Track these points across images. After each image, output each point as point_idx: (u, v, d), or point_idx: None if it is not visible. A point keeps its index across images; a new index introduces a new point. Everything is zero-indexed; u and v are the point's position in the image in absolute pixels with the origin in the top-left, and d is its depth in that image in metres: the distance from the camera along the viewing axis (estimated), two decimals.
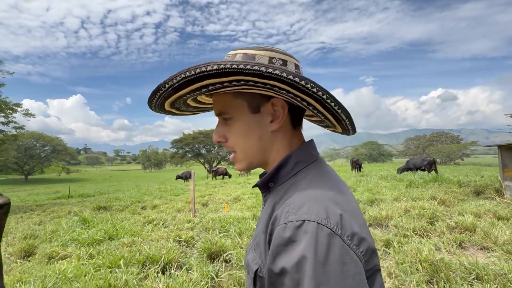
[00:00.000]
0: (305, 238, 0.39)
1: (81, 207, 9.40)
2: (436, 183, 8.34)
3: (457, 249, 3.28)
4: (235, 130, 0.58)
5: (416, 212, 4.71)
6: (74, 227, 5.25)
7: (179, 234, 4.36)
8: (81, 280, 2.55)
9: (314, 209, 0.42)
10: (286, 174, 0.57)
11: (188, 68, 0.47)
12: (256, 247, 0.52)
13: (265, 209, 0.58)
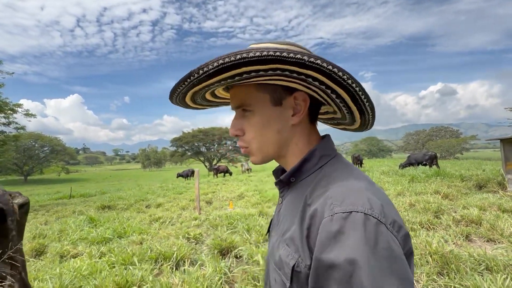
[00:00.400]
0: (354, 228, 0.40)
1: (84, 206, 9.44)
2: (439, 177, 8.40)
3: (464, 241, 3.33)
4: (254, 123, 0.58)
5: (421, 206, 4.76)
6: (82, 226, 5.28)
7: (187, 232, 4.40)
8: (98, 277, 2.58)
9: (358, 200, 0.43)
10: (311, 168, 0.57)
11: (227, 54, 0.45)
12: (290, 242, 0.51)
13: (289, 204, 0.58)
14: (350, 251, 0.38)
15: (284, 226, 0.56)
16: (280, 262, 0.52)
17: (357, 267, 0.37)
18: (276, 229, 0.60)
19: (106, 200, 9.63)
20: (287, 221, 0.56)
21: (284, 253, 0.51)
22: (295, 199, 0.56)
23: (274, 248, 0.57)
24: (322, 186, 0.51)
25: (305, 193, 0.54)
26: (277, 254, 0.54)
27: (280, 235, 0.56)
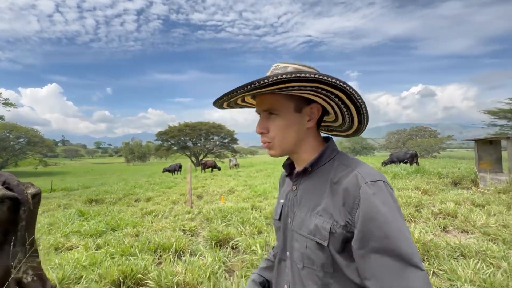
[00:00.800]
0: (381, 189, 0.63)
1: (69, 200, 9.21)
2: (419, 174, 8.92)
3: (442, 232, 3.67)
4: (278, 124, 0.73)
5: (404, 200, 5.11)
6: (73, 219, 5.22)
7: (183, 224, 4.48)
8: (101, 266, 2.64)
9: (376, 174, 0.66)
10: (325, 159, 0.76)
11: (285, 72, 0.60)
12: (323, 212, 0.68)
13: (309, 187, 0.75)
14: (383, 201, 0.61)
15: (311, 203, 0.73)
16: (316, 229, 0.68)
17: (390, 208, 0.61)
18: (299, 207, 0.76)
19: (92, 194, 9.43)
20: (314, 198, 0.73)
21: (319, 221, 0.68)
22: (317, 182, 0.74)
23: (305, 220, 0.72)
24: (344, 169, 0.70)
25: (327, 176, 0.72)
26: (310, 224, 0.70)
27: (309, 210, 0.72)
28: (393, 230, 0.58)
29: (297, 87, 0.65)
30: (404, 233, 0.58)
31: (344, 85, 0.64)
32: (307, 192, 0.76)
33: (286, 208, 0.83)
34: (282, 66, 0.72)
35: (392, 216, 0.59)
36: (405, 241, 0.57)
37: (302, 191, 0.78)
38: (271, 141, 0.75)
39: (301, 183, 0.79)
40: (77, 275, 2.65)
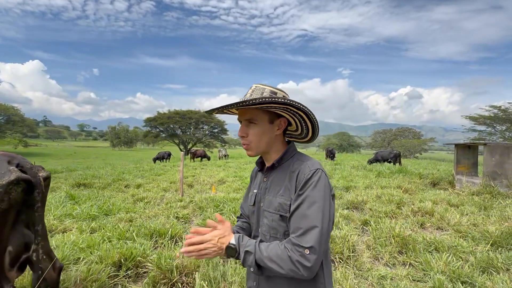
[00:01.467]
0: (318, 174, 0.91)
1: (55, 183, 9.03)
2: (401, 174, 9.37)
3: (419, 228, 3.98)
4: (256, 131, 0.99)
5: (387, 198, 5.44)
6: (63, 202, 5.20)
7: (176, 212, 4.59)
8: (101, 249, 2.73)
9: (318, 165, 0.95)
10: (287, 157, 1.04)
11: (265, 97, 0.90)
12: (284, 193, 0.96)
13: (276, 178, 1.02)
14: (317, 183, 0.90)
15: (276, 189, 1.00)
16: (280, 206, 0.96)
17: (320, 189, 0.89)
18: (268, 193, 1.03)
19: (79, 178, 9.29)
20: (278, 185, 1.00)
21: (282, 200, 0.96)
22: (281, 174, 1.01)
23: (272, 201, 0.99)
24: (299, 163, 0.99)
25: (288, 169, 1.00)
26: (275, 203, 0.97)
27: (275, 194, 1.00)
28: (311, 199, 0.87)
29: (272, 107, 0.94)
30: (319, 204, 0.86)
31: (306, 108, 0.93)
32: (274, 181, 1.03)
33: (259, 196, 1.08)
34: (261, 87, 0.99)
35: (318, 191, 0.88)
36: (316, 211, 0.85)
37: (270, 181, 1.05)
38: (249, 143, 1.00)
39: (270, 175, 1.06)
40: (75, 256, 2.73)
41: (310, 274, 0.82)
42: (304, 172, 0.92)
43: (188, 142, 42.92)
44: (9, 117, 43.86)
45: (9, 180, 1.46)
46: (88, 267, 2.38)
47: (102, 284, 2.25)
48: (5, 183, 1.46)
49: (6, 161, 1.57)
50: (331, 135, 69.56)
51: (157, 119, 41.09)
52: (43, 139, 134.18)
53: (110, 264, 2.50)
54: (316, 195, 0.87)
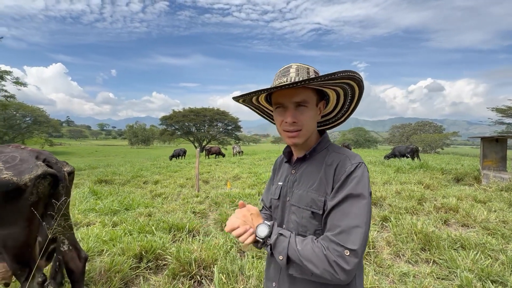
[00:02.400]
0: (361, 168, 0.83)
1: (79, 180, 9.47)
2: (422, 169, 9.01)
3: (443, 225, 3.81)
4: (308, 115, 0.88)
5: (407, 194, 5.24)
6: (86, 197, 5.43)
7: (192, 207, 4.67)
8: (123, 241, 2.83)
9: (360, 158, 0.86)
10: (321, 148, 0.94)
11: (349, 70, 0.77)
12: (318, 188, 0.87)
13: (307, 170, 0.93)
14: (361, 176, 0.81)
15: (309, 182, 0.90)
16: (313, 201, 0.87)
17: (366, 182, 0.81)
18: (298, 186, 0.94)
19: (101, 175, 9.68)
20: (311, 179, 0.90)
21: (315, 195, 0.87)
22: (314, 166, 0.92)
23: (302, 196, 0.90)
24: (336, 155, 0.89)
25: (322, 161, 0.90)
26: (307, 198, 0.88)
27: (306, 188, 0.90)
28: (356, 194, 0.78)
29: (330, 84, 0.83)
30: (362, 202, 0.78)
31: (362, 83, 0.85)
32: (305, 174, 0.93)
33: (285, 189, 0.99)
34: (305, 67, 0.88)
35: (362, 188, 0.79)
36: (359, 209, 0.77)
37: (300, 174, 0.95)
38: (302, 128, 0.88)
39: (300, 167, 0.96)
40: (98, 249, 2.85)
41: (348, 278, 0.72)
42: (345, 166, 0.83)
43: (203, 140, 43.52)
44: (36, 118, 46.34)
45: (36, 174, 1.53)
46: (111, 259, 2.47)
47: (125, 275, 2.33)
48: (33, 177, 1.53)
49: (34, 157, 1.65)
50: (346, 130, 68.07)
51: (173, 117, 41.89)
52: (67, 139, 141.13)
53: (131, 256, 2.59)
54: (359, 191, 0.78)
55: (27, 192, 1.52)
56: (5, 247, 1.53)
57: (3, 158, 1.56)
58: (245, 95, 0.89)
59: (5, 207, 1.49)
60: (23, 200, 1.53)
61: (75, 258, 1.83)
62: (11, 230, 1.52)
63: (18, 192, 1.50)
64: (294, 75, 0.85)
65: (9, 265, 1.58)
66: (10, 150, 1.64)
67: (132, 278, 2.39)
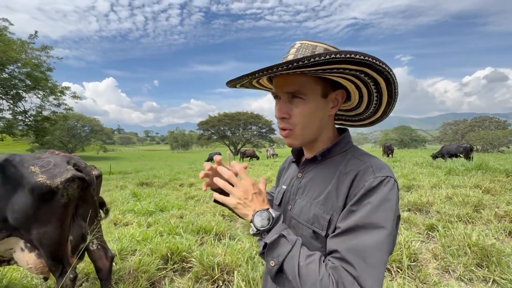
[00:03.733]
0: (388, 185, 0.61)
1: (124, 182, 10.32)
2: (480, 171, 7.87)
3: (507, 237, 3.22)
4: (303, 110, 0.67)
5: (460, 199, 4.59)
6: (128, 199, 5.87)
7: (222, 210, 4.72)
8: (152, 242, 2.95)
9: (389, 171, 0.64)
10: (338, 150, 0.73)
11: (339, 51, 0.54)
12: (324, 202, 0.67)
13: (317, 176, 0.73)
14: (386, 195, 0.60)
15: (314, 192, 0.71)
16: (315, 218, 0.67)
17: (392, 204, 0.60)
18: (302, 196, 0.75)
19: (143, 178, 10.43)
20: (318, 188, 0.71)
21: (319, 211, 0.67)
22: (325, 172, 0.71)
23: (305, 209, 0.71)
24: (356, 162, 0.67)
25: (337, 167, 0.70)
26: (309, 213, 0.69)
27: (311, 199, 0.71)
28: (374, 224, 0.58)
29: (335, 69, 0.59)
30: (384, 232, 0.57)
31: (391, 72, 0.61)
32: (313, 181, 0.73)
33: (288, 194, 0.81)
34: (310, 45, 0.67)
35: (385, 212, 0.58)
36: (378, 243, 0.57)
37: (307, 179, 0.76)
38: (293, 128, 0.70)
39: (308, 171, 0.77)
40: (132, 248, 3.01)
41: None
42: (366, 178, 0.62)
43: (238, 143, 44.45)
44: (93, 127, 52.42)
45: (66, 177, 1.65)
46: (140, 259, 2.57)
47: (151, 275, 2.41)
48: (64, 180, 1.64)
49: (66, 161, 1.78)
50: (389, 129, 63.36)
51: (209, 122, 43.67)
52: (118, 145, 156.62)
53: (159, 257, 2.67)
54: (381, 217, 0.58)
55: (59, 194, 1.65)
56: (41, 244, 1.67)
57: (40, 163, 1.72)
58: (237, 79, 0.69)
59: (40, 208, 1.63)
60: (55, 202, 1.65)
61: (103, 257, 1.94)
62: (46, 228, 1.66)
63: (51, 194, 1.63)
64: (293, 56, 0.67)
65: (45, 261, 1.72)
66: (46, 156, 1.79)
67: (158, 278, 2.46)
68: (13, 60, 9.97)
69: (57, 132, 36.97)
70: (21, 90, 11.02)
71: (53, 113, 11.89)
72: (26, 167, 1.64)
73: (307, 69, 0.60)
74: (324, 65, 0.57)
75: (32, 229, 1.63)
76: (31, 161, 1.67)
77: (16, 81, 10.83)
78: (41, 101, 11.60)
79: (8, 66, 10.33)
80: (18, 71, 10.76)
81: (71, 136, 49.83)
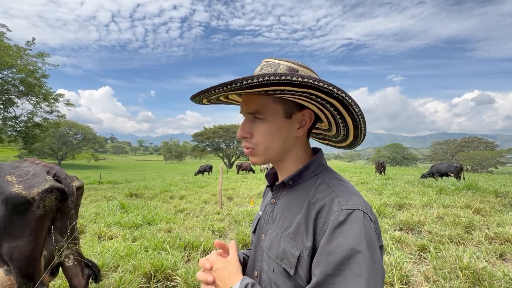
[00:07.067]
0: (357, 222, 0.53)
1: (113, 193, 10.05)
2: (470, 191, 7.94)
3: (498, 260, 3.19)
4: (264, 130, 0.65)
5: (451, 219, 4.58)
6: (115, 210, 5.67)
7: (212, 224, 4.59)
8: (135, 258, 2.81)
9: (358, 201, 0.57)
10: (309, 174, 0.68)
11: (275, 73, 0.51)
12: (294, 235, 0.61)
13: (287, 203, 0.68)
14: (355, 237, 0.52)
15: (284, 223, 0.66)
16: (284, 254, 0.61)
17: (361, 248, 0.51)
18: (272, 225, 0.69)
19: (133, 189, 10.18)
20: (288, 218, 0.65)
21: (289, 246, 0.61)
22: (295, 200, 0.66)
23: (274, 241, 0.66)
24: (325, 189, 0.62)
25: (307, 194, 0.64)
26: (279, 247, 0.63)
27: (280, 230, 0.66)
28: (349, 270, 0.50)
29: (287, 91, 0.56)
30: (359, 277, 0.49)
31: (342, 94, 0.56)
32: (284, 209, 0.69)
33: (262, 221, 0.76)
34: (274, 63, 0.64)
35: (354, 256, 0.50)
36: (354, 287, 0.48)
37: (279, 206, 0.71)
38: (255, 147, 0.67)
39: (280, 197, 0.72)
40: (114, 264, 2.86)
41: None
42: (331, 211, 0.56)
43: (232, 156, 44.25)
44: (85, 135, 51.63)
45: (43, 188, 1.57)
46: (121, 276, 2.44)
47: None
48: (41, 191, 1.56)
49: (46, 171, 1.70)
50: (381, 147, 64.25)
51: (203, 134, 43.58)
52: (110, 154, 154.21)
53: (141, 275, 2.53)
54: (358, 261, 0.50)
55: (34, 205, 1.56)
56: (11, 260, 1.56)
57: (18, 172, 1.64)
58: (200, 93, 0.64)
59: (13, 220, 1.53)
60: (31, 214, 1.56)
61: (79, 275, 1.82)
62: (17, 242, 1.56)
63: (26, 205, 1.54)
64: (256, 73, 0.63)
65: (15, 278, 1.60)
66: (25, 165, 1.72)
67: None
68: (7, 66, 9.88)
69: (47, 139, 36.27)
70: (13, 95, 10.86)
71: (45, 119, 11.69)
72: (2, 176, 1.56)
73: (254, 90, 0.57)
74: (265, 86, 0.54)
75: (3, 242, 1.53)
76: (8, 170, 1.60)
77: (9, 87, 10.68)
78: (33, 108, 11.42)
79: (2, 71, 10.22)
80: (12, 76, 10.64)
81: (62, 143, 48.89)
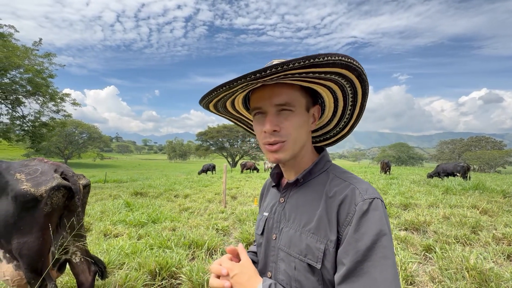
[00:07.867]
0: (377, 209, 0.58)
1: (118, 191, 10.15)
2: (477, 191, 7.83)
3: (505, 260, 3.14)
4: (294, 122, 0.64)
5: (457, 219, 4.52)
6: (120, 209, 5.74)
7: (216, 223, 4.61)
8: (141, 256, 2.84)
9: (374, 190, 0.62)
10: (318, 170, 0.71)
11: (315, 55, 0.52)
12: (315, 230, 0.62)
13: (300, 201, 0.69)
14: (379, 219, 0.57)
15: (302, 219, 0.66)
16: (308, 249, 0.62)
17: (386, 228, 0.56)
18: (287, 223, 0.69)
19: (138, 187, 10.28)
20: (305, 214, 0.66)
21: (312, 240, 0.62)
22: (310, 196, 0.68)
23: (294, 239, 0.66)
24: (340, 183, 0.65)
25: (321, 189, 0.66)
26: (301, 244, 0.63)
27: (299, 227, 0.66)
28: (385, 248, 0.54)
29: (317, 73, 0.57)
30: (387, 259, 0.53)
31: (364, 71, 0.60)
32: (298, 206, 0.69)
33: (271, 222, 0.75)
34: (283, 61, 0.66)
35: (380, 240, 0.55)
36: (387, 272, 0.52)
37: (291, 204, 0.71)
38: (286, 139, 0.65)
39: (290, 195, 0.72)
40: (120, 261, 2.90)
41: None
42: (355, 201, 0.59)
43: (236, 155, 44.31)
44: (91, 134, 52.21)
45: (51, 186, 1.60)
46: (126, 273, 2.47)
47: None
48: (48, 189, 1.59)
49: (53, 170, 1.73)
50: (386, 146, 63.64)
51: (208, 133, 43.70)
52: (115, 153, 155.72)
53: (146, 272, 2.56)
54: (384, 244, 0.54)
55: (42, 202, 1.59)
56: (20, 255, 1.59)
57: (26, 170, 1.67)
58: (206, 96, 0.65)
59: (22, 217, 1.57)
60: (39, 210, 1.60)
61: (86, 271, 1.85)
62: (26, 238, 1.59)
63: (35, 202, 1.57)
64: None
65: (24, 273, 1.63)
66: (34, 164, 1.75)
67: None
68: (15, 66, 10.03)
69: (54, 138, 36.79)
70: (21, 95, 11.03)
71: (52, 119, 11.85)
72: (12, 174, 1.59)
73: (298, 71, 0.55)
74: (314, 67, 0.55)
75: (13, 238, 1.56)
76: (18, 168, 1.63)
77: (17, 87, 10.85)
78: (40, 107, 11.59)
79: (10, 72, 10.38)
80: (20, 76, 10.81)
81: (68, 142, 49.54)
